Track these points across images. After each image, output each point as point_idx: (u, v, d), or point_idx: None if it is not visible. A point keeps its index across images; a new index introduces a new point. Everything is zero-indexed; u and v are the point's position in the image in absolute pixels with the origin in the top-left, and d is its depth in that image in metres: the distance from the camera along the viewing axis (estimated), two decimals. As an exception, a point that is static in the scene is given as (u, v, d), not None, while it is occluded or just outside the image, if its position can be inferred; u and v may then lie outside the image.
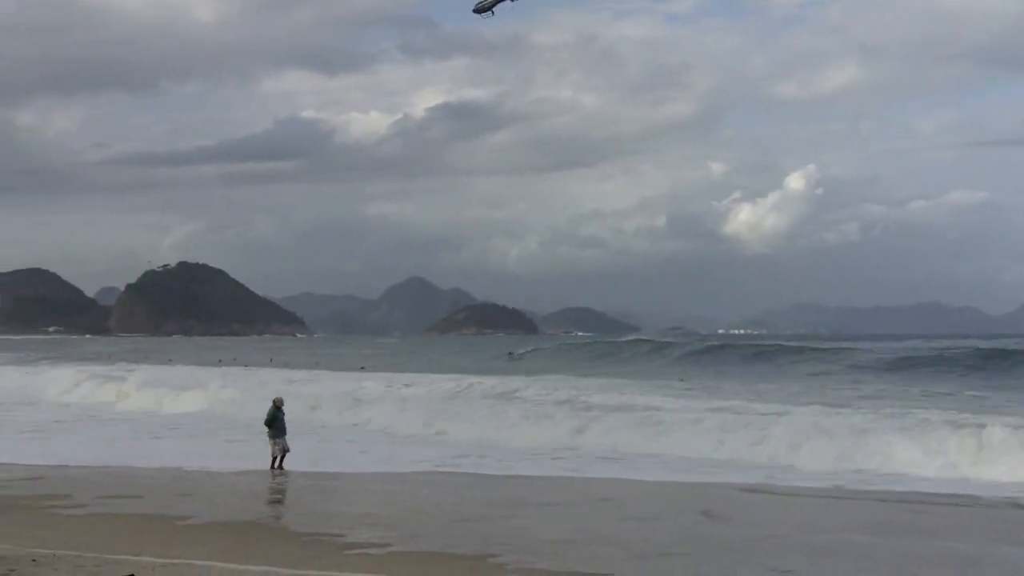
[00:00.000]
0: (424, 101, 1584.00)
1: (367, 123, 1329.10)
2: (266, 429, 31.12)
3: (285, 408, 31.78)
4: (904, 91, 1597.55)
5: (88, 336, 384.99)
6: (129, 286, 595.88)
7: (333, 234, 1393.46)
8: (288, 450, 30.71)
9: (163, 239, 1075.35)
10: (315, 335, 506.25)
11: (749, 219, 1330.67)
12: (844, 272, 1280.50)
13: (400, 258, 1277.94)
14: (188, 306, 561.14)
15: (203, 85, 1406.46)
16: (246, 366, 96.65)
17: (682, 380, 68.66)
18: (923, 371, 72.00)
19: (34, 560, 15.29)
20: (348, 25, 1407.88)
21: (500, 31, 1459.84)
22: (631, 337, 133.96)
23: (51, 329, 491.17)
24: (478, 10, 57.44)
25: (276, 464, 30.49)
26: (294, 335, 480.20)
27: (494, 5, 56.59)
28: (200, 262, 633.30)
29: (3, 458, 32.34)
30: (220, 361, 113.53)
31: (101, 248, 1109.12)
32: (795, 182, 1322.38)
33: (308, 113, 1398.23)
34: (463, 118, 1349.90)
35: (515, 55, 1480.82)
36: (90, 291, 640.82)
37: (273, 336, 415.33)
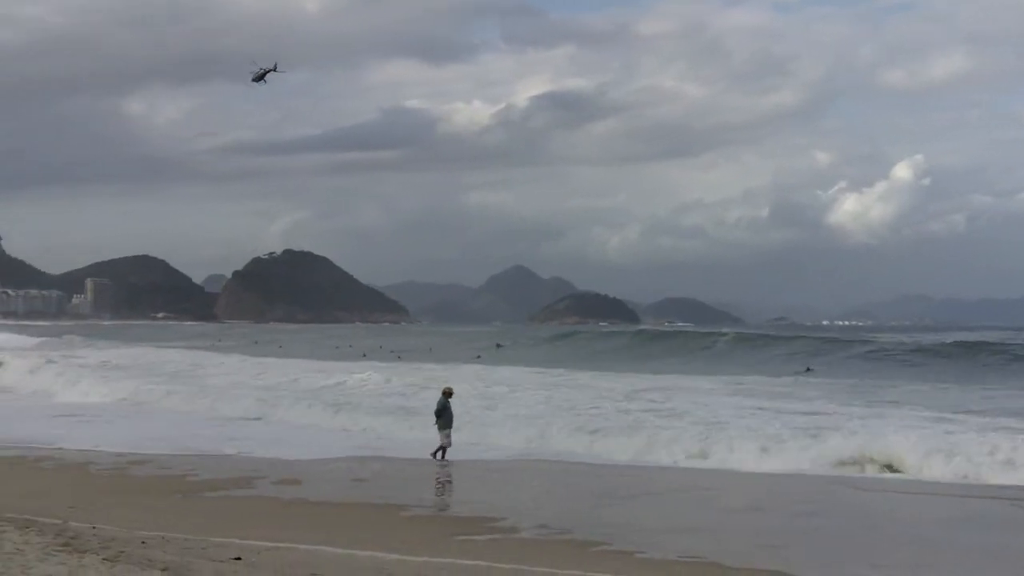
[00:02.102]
0: (527, 91, 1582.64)
1: (470, 113, 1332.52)
2: (435, 419, 30.54)
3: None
4: (1012, 80, 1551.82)
5: (195, 323, 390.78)
6: (236, 273, 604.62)
7: (436, 223, 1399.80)
8: (450, 442, 30.09)
9: (269, 227, 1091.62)
10: (419, 323, 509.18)
11: (854, 209, 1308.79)
12: (950, 263, 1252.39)
13: (502, 247, 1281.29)
14: (293, 293, 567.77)
15: (309, 74, 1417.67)
16: (398, 356, 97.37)
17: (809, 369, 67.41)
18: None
19: (143, 542, 15.44)
20: (453, 15, 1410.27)
21: (605, 20, 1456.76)
22: (730, 330, 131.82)
23: (159, 315, 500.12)
24: (255, 79, 64.26)
25: (440, 455, 29.92)
26: (398, 323, 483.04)
27: (264, 76, 63.50)
28: (305, 250, 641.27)
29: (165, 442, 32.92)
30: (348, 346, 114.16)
31: (209, 235, 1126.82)
32: (902, 172, 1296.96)
33: (413, 103, 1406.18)
34: (566, 107, 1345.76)
35: (619, 44, 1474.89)
36: (198, 278, 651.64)
37: (377, 324, 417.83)
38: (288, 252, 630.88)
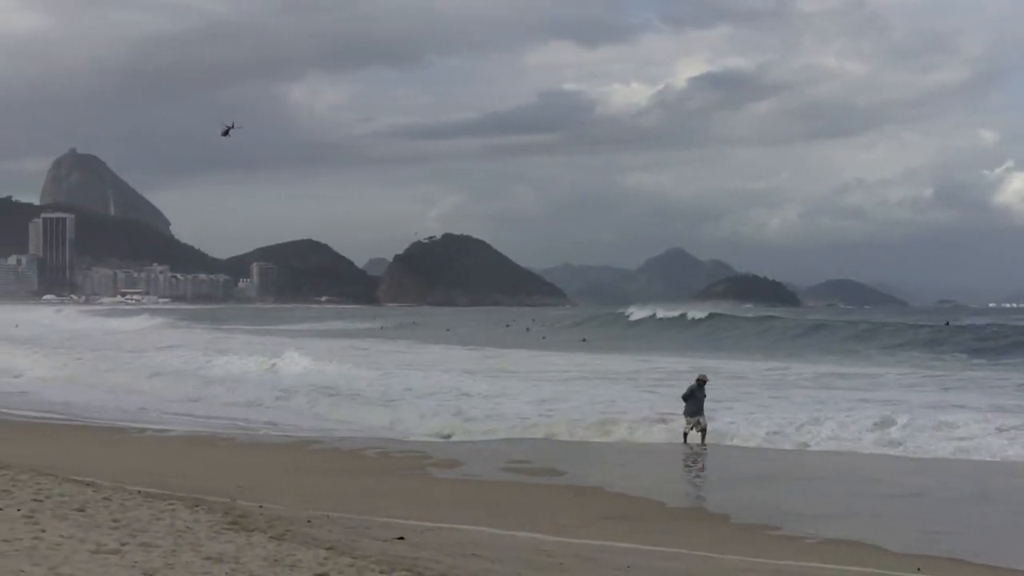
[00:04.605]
0: (686, 71, 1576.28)
1: (628, 94, 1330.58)
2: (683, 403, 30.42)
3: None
4: None
5: (358, 306, 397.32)
6: (397, 257, 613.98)
7: (592, 205, 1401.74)
8: (704, 427, 29.78)
9: (429, 211, 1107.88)
10: (575, 306, 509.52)
11: (1022, 189, 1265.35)
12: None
13: (658, 229, 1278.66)
14: (452, 277, 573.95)
15: (467, 59, 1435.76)
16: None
17: None
18: None
19: (309, 521, 15.68)
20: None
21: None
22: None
23: (323, 299, 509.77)
24: (223, 134, 67.35)
25: (698, 441, 29.59)
26: (555, 306, 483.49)
27: (228, 131, 66.55)
28: (464, 233, 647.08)
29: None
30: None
31: (369, 219, 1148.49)
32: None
33: (570, 85, 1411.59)
34: (725, 87, 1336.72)
35: (779, 22, 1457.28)
36: (359, 262, 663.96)
37: (535, 307, 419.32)
38: (447, 236, 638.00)
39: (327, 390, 42.49)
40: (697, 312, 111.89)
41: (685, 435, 29.78)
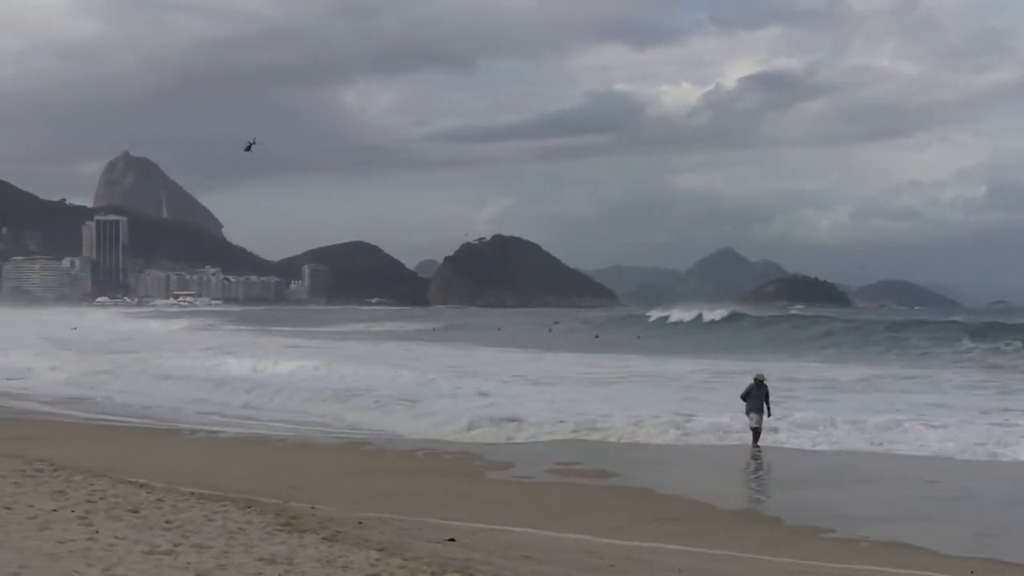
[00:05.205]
0: (736, 72, 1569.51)
1: (678, 95, 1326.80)
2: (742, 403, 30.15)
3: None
4: None
5: (408, 307, 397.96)
6: (447, 259, 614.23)
7: (642, 207, 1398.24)
8: (759, 428, 29.46)
9: (479, 212, 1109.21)
10: (625, 307, 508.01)
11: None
12: None
13: (709, 230, 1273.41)
14: (502, 278, 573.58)
15: (518, 61, 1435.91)
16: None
17: None
18: None
19: (360, 523, 15.74)
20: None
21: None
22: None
23: (373, 300, 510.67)
24: (246, 149, 71.66)
25: (753, 441, 29.40)
26: (605, 307, 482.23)
27: (250, 146, 71.03)
28: (514, 235, 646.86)
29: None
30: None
31: (420, 221, 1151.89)
32: None
33: (620, 87, 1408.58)
34: (776, 88, 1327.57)
35: (830, 22, 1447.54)
36: (410, 263, 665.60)
37: (584, 309, 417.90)
38: (497, 237, 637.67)
39: (374, 392, 42.46)
40: (714, 314, 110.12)
41: (753, 432, 29.51)
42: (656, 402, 37.33)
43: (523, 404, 36.64)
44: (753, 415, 29.55)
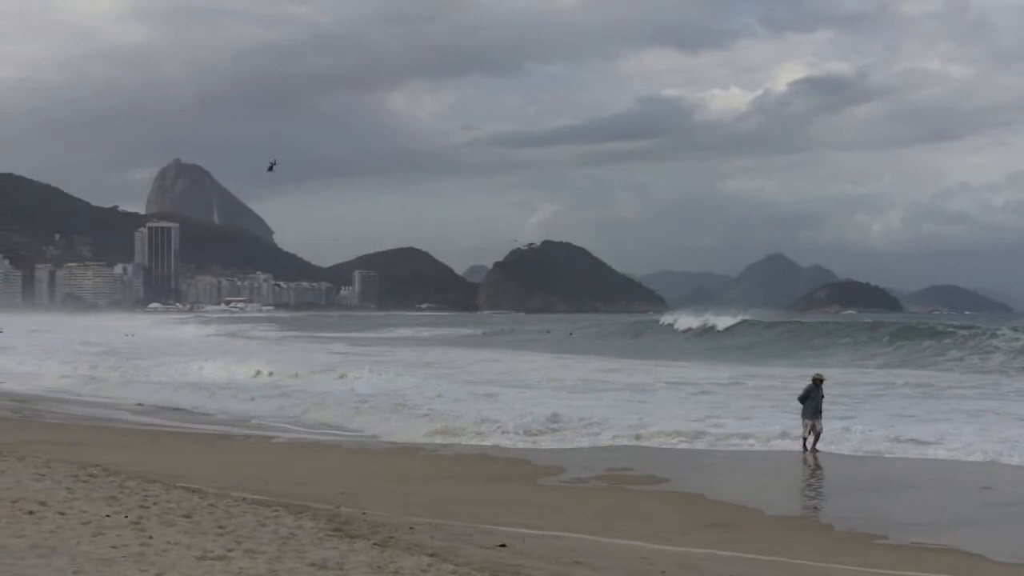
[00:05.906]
0: (786, 76, 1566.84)
1: (727, 99, 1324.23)
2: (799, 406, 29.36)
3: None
4: None
5: (457, 313, 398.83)
6: (496, 264, 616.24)
7: (691, 211, 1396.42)
8: (819, 431, 28.74)
9: (528, 218, 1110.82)
10: (673, 312, 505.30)
11: None
12: None
13: (759, 235, 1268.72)
14: (551, 284, 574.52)
15: (566, 66, 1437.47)
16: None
17: None
18: None
19: (412, 528, 15.79)
20: (709, 1, 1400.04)
21: (864, 1, 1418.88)
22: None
23: (423, 306, 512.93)
24: (269, 169, 76.43)
25: (810, 446, 28.68)
26: (655, 312, 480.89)
27: (272, 166, 75.87)
28: (563, 240, 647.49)
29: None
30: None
31: (469, 227, 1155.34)
32: None
33: (669, 91, 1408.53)
34: (826, 92, 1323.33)
35: (880, 26, 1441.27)
36: (459, 269, 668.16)
37: (634, 314, 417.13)
38: (547, 243, 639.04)
39: (424, 398, 42.52)
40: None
41: (804, 440, 28.86)
42: (695, 408, 37.49)
43: (572, 409, 36.58)
44: (812, 418, 28.79)
